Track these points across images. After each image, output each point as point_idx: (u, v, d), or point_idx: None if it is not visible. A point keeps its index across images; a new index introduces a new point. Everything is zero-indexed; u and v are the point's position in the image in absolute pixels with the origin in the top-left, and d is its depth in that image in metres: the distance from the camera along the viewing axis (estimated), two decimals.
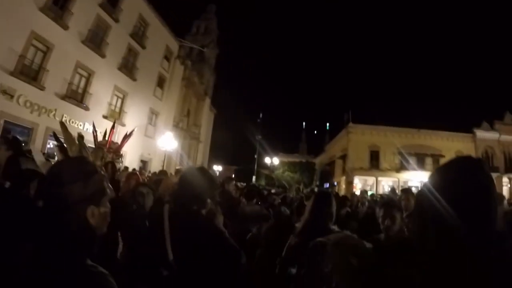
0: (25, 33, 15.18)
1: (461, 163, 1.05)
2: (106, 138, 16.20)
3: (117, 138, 18.46)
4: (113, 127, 16.35)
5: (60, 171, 1.14)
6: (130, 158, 23.31)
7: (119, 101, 22.96)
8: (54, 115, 17.47)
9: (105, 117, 20.69)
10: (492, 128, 35.27)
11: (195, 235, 1.87)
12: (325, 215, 2.77)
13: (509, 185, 33.09)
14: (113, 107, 22.16)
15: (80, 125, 18.80)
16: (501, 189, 30.93)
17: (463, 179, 0.98)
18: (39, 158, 3.58)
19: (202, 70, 35.70)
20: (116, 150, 14.89)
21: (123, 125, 21.77)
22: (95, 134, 14.96)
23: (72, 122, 18.54)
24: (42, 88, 16.42)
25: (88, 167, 1.18)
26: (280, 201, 7.87)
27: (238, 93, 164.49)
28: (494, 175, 31.00)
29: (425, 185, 1.05)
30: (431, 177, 1.07)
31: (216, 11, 44.32)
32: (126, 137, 16.88)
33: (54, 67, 16.85)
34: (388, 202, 3.31)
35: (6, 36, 14.10)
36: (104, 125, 19.12)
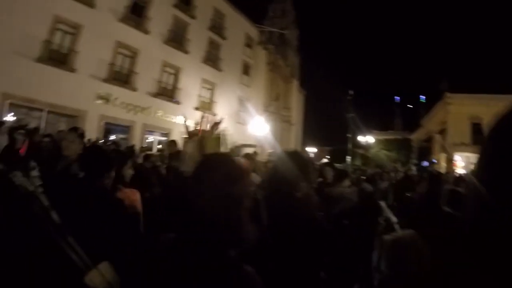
0: (111, 44, 17.13)
1: None
2: (197, 128, 17.54)
3: (209, 127, 19.76)
4: (202, 117, 17.51)
5: (229, 171, 1.20)
6: None
7: (209, 92, 24.27)
8: (149, 112, 19.41)
9: (196, 108, 22.02)
10: None
11: (287, 218, 1.86)
12: (437, 196, 3.06)
13: None
14: (203, 99, 23.53)
15: (173, 118, 20.52)
16: None
17: None
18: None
19: (286, 53, 35.41)
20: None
21: (214, 114, 23.00)
22: (186, 125, 16.32)
23: (166, 117, 20.38)
24: (134, 90, 18.36)
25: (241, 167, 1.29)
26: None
27: (326, 71, 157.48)
28: None
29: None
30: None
31: None
32: (216, 124, 17.93)
33: (142, 69, 18.67)
34: None
35: (95, 49, 16.10)
36: (196, 117, 20.59)
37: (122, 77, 17.92)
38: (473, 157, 28.08)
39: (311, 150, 37.59)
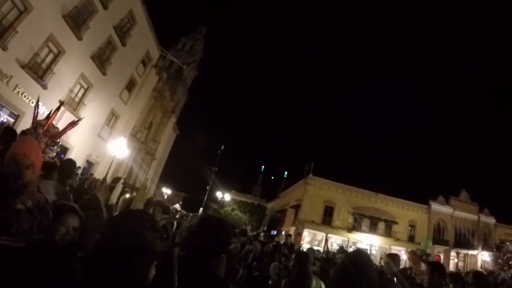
0: None
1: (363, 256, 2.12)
2: (45, 121, 14.45)
3: (60, 124, 16.72)
4: (58, 108, 14.48)
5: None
6: (75, 154, 21.31)
7: (82, 91, 21.21)
8: (7, 82, 15.60)
9: (61, 102, 18.69)
10: (447, 203, 37.56)
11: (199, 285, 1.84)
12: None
13: (456, 260, 34.86)
14: (73, 95, 20.32)
15: (32, 102, 16.93)
16: (448, 262, 32.72)
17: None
18: None
19: (176, 87, 34.61)
20: (53, 136, 12.99)
21: (78, 117, 20.00)
22: (36, 111, 13.23)
23: (24, 96, 16.74)
24: (4, 48, 14.65)
25: None
26: None
27: (205, 121, 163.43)
28: (443, 248, 34.10)
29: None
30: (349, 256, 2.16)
31: (206, 34, 44.32)
32: (70, 125, 15.04)
33: (25, 31, 15.24)
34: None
35: None
36: (61, 113, 17.41)
37: None
38: (319, 235, 31.87)
39: (166, 191, 35.80)
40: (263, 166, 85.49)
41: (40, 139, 11.19)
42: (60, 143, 13.47)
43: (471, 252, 35.56)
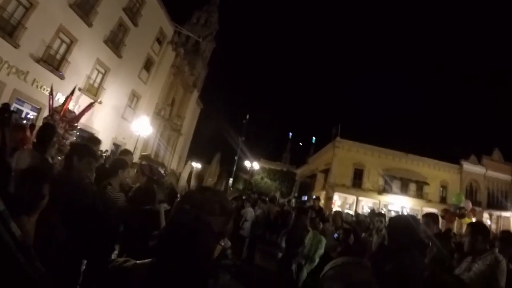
0: None
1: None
2: (61, 106, 14.55)
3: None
4: (71, 93, 14.52)
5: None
6: (101, 139, 21.65)
7: (100, 76, 21.39)
8: (25, 78, 15.97)
9: (80, 89, 19.10)
10: (479, 162, 35.73)
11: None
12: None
13: (489, 221, 33.42)
14: (91, 81, 20.55)
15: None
16: None
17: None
18: None
19: (195, 61, 34.33)
20: (70, 120, 13.08)
21: (100, 102, 20.31)
22: (51, 99, 13.33)
23: (44, 89, 17.08)
24: (16, 46, 14.92)
25: None
26: None
27: (228, 92, 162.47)
28: (476, 209, 31.75)
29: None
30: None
31: (219, 5, 43.20)
32: (86, 108, 15.11)
33: (34, 26, 15.37)
34: None
35: None
36: (77, 98, 17.74)
37: (7, 27, 14.40)
38: (350, 199, 31.88)
39: (196, 165, 36.49)
40: (290, 133, 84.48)
41: (58, 125, 11.39)
42: (78, 127, 13.65)
43: (504, 213, 33.62)
